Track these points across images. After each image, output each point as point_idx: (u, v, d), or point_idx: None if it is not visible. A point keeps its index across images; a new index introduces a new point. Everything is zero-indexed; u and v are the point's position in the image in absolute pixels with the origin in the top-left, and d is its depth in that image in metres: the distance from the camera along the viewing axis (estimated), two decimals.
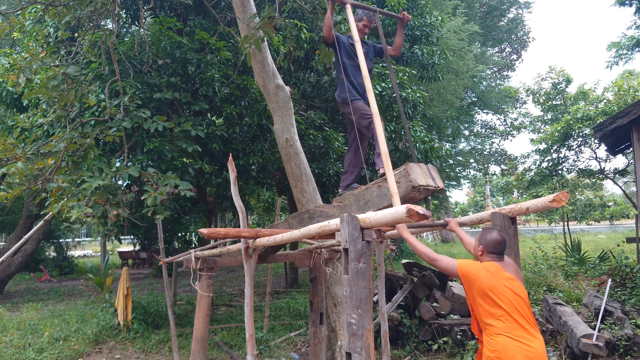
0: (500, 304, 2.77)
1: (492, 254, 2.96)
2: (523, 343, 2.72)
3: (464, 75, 16.60)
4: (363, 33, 4.35)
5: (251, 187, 9.85)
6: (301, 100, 9.43)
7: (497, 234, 2.97)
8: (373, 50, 4.58)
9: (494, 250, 2.95)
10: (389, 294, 6.81)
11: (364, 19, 4.31)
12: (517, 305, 2.78)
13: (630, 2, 13.65)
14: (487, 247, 2.97)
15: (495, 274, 2.84)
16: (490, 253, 2.96)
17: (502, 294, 2.78)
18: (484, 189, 41.84)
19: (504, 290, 2.79)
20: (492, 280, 2.81)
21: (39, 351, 6.84)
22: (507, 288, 2.80)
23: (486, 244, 2.97)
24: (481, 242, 3.01)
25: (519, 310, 2.78)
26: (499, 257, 2.96)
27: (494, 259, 2.95)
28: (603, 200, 27.13)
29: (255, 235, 3.48)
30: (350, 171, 4.51)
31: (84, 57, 6.84)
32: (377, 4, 10.15)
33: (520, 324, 2.76)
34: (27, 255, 13.17)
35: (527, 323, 2.78)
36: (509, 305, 2.77)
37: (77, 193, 5.22)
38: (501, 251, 2.96)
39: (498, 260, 2.95)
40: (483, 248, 2.99)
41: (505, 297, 2.78)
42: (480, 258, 3.03)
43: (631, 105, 7.77)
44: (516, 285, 2.84)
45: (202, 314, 4.54)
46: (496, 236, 2.96)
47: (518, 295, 2.81)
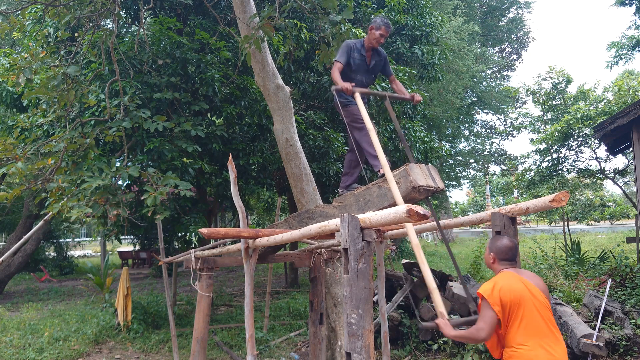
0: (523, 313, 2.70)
1: (504, 261, 2.91)
2: (545, 350, 2.65)
3: (464, 75, 16.59)
4: (379, 42, 4.32)
5: (251, 187, 9.85)
6: (301, 100, 9.43)
7: (507, 240, 2.92)
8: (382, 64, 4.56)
9: (505, 257, 2.90)
10: (389, 294, 6.81)
11: (382, 29, 4.23)
12: (538, 311, 2.72)
13: (630, 2, 13.65)
14: (498, 255, 2.92)
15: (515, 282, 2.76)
16: (502, 260, 2.91)
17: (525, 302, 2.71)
18: (484, 189, 41.88)
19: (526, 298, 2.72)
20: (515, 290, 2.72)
21: (39, 351, 6.84)
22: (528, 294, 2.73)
23: (497, 252, 2.92)
24: (492, 250, 2.95)
25: (540, 317, 2.71)
26: (511, 264, 2.90)
27: (507, 266, 2.90)
28: (603, 200, 27.10)
29: (255, 235, 3.48)
30: (350, 172, 4.51)
31: (84, 57, 6.84)
32: (376, 4, 10.16)
33: (541, 331, 2.69)
34: (27, 255, 13.17)
35: (548, 329, 2.71)
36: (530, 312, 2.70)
37: (77, 193, 5.22)
38: (513, 257, 2.90)
39: (511, 267, 2.89)
40: (495, 256, 2.93)
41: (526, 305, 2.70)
42: (492, 266, 2.97)
43: (631, 105, 7.77)
44: (536, 291, 2.77)
45: (202, 314, 4.54)
46: (507, 242, 2.91)
47: (538, 300, 2.74)
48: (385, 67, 4.58)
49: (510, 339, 2.73)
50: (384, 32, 4.26)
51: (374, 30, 4.24)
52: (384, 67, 4.58)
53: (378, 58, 4.48)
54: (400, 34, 10.21)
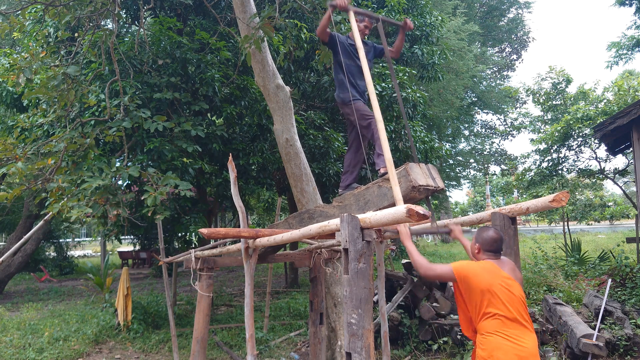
0: (495, 303, 2.76)
1: (488, 252, 2.95)
2: (515, 342, 2.71)
3: (464, 75, 16.60)
4: (364, 34, 4.36)
5: (251, 187, 9.85)
6: (301, 100, 9.42)
7: (493, 232, 2.96)
8: (373, 51, 4.58)
9: (490, 249, 2.94)
10: (389, 294, 6.81)
11: (366, 20, 4.31)
12: (512, 303, 2.77)
13: (630, 2, 13.65)
14: (483, 245, 2.96)
15: (492, 272, 2.83)
16: (486, 251, 2.96)
17: (498, 293, 2.77)
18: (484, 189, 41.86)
19: (499, 289, 2.78)
20: (488, 279, 2.80)
21: (39, 351, 6.84)
22: (502, 287, 2.79)
23: (482, 242, 2.97)
24: (478, 240, 3.00)
25: (513, 309, 2.76)
26: (495, 255, 2.95)
27: (490, 257, 2.94)
28: (603, 200, 27.12)
29: (255, 235, 3.48)
30: (350, 171, 4.51)
31: (84, 57, 6.84)
32: (376, 4, 10.16)
33: (513, 323, 2.75)
34: (27, 255, 13.17)
35: (521, 321, 2.77)
36: (503, 303, 2.76)
37: (77, 193, 5.22)
38: (497, 249, 2.95)
39: (494, 259, 2.94)
40: (479, 246, 2.98)
41: (500, 296, 2.76)
42: (476, 256, 3.02)
43: (631, 105, 7.76)
44: (512, 283, 2.83)
45: (202, 314, 4.54)
46: (492, 234, 2.95)
47: (513, 293, 2.80)
48: (376, 49, 4.60)
49: (481, 327, 2.83)
50: (368, 24, 4.34)
51: (358, 23, 4.27)
52: (375, 49, 4.59)
53: (366, 47, 4.50)
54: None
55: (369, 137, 4.20)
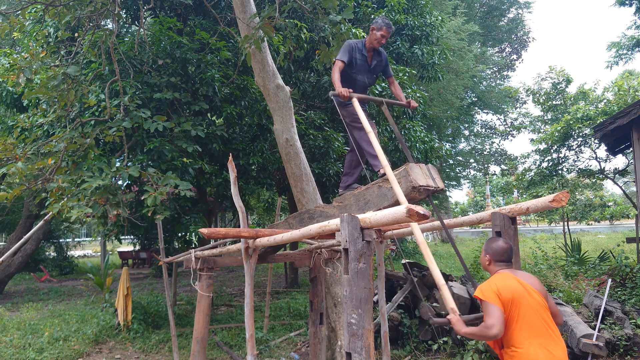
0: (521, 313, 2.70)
1: (500, 262, 2.92)
2: (546, 350, 2.65)
3: (464, 75, 16.59)
4: (380, 43, 4.32)
5: (251, 187, 9.85)
6: (301, 100, 9.42)
7: (503, 242, 2.94)
8: (382, 65, 4.56)
9: (501, 259, 2.92)
10: (389, 294, 6.81)
11: (383, 29, 4.23)
12: (537, 311, 2.72)
13: (630, 2, 13.65)
14: (494, 256, 2.93)
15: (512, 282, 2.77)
16: (497, 262, 2.93)
17: (522, 302, 2.71)
18: (484, 189, 41.86)
19: (523, 298, 2.72)
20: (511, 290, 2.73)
21: (39, 351, 6.84)
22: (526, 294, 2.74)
23: (493, 253, 2.94)
24: (488, 252, 2.97)
25: (538, 317, 2.71)
26: (507, 265, 2.92)
27: (503, 267, 2.91)
28: (603, 200, 27.09)
29: (255, 235, 3.48)
30: (351, 172, 4.51)
31: (84, 57, 6.84)
32: (376, 4, 10.16)
33: (540, 332, 2.70)
34: (27, 255, 13.17)
35: (547, 330, 2.72)
36: (528, 312, 2.70)
37: (77, 193, 5.22)
38: (509, 259, 2.92)
39: (507, 268, 2.90)
40: (490, 257, 2.95)
41: (524, 305, 2.71)
42: (488, 268, 2.99)
43: (631, 105, 7.76)
44: (533, 291, 2.78)
45: (202, 314, 4.54)
46: (502, 244, 2.93)
47: (536, 301, 2.75)
48: (386, 68, 4.59)
49: (509, 339, 2.73)
50: (385, 33, 4.24)
51: (375, 30, 4.24)
52: (385, 68, 4.58)
53: (379, 58, 4.49)
54: (400, 34, 10.21)
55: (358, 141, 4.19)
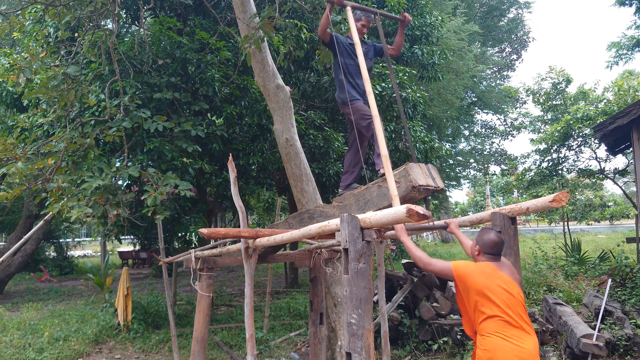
0: (494, 304, 2.77)
1: (488, 254, 2.95)
2: (514, 343, 2.72)
3: (464, 75, 16.59)
4: (362, 33, 4.36)
5: (251, 187, 9.85)
6: (301, 100, 9.42)
7: (494, 235, 2.96)
8: (373, 50, 4.58)
9: (490, 251, 2.95)
10: (389, 294, 6.81)
11: (362, 19, 4.31)
12: (511, 304, 2.78)
13: (630, 2, 13.65)
14: (483, 248, 2.97)
15: (490, 274, 2.84)
16: (486, 254, 2.96)
17: (496, 294, 2.78)
18: (484, 189, 41.86)
19: (498, 290, 2.79)
20: (486, 280, 2.81)
21: (39, 351, 6.84)
22: (500, 288, 2.80)
23: (483, 244, 2.97)
24: (478, 242, 3.00)
25: (512, 310, 2.77)
26: (495, 258, 2.95)
27: (490, 260, 2.95)
28: (603, 200, 27.10)
29: (255, 235, 3.48)
30: (350, 171, 4.51)
31: (84, 57, 6.84)
32: (376, 5, 10.16)
33: (513, 324, 2.76)
34: (27, 255, 13.17)
35: (520, 323, 2.78)
36: (502, 305, 2.77)
37: (77, 193, 5.22)
38: (498, 252, 2.95)
39: (494, 261, 2.94)
40: (480, 248, 2.98)
41: (498, 297, 2.77)
42: (476, 258, 3.02)
43: (631, 105, 7.76)
44: (510, 285, 2.84)
45: (202, 314, 4.54)
46: (493, 237, 2.95)
47: (512, 294, 2.81)
48: (376, 47, 4.60)
49: (481, 328, 2.84)
50: (365, 22, 4.34)
51: (355, 22, 4.28)
52: (374, 48, 4.59)
53: (366, 47, 4.51)
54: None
55: (369, 137, 4.20)
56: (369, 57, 4.54)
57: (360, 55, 3.56)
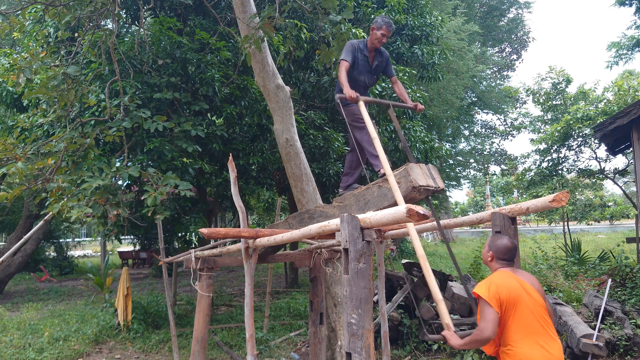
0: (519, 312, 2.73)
1: (502, 260, 2.93)
2: (542, 348, 2.69)
3: (464, 75, 16.59)
4: (380, 42, 4.32)
5: (251, 187, 9.85)
6: (301, 100, 9.42)
7: (507, 240, 2.94)
8: (384, 65, 4.56)
9: (504, 257, 2.92)
10: (389, 294, 6.81)
11: (383, 28, 4.23)
12: (534, 310, 2.75)
13: (630, 2, 13.66)
14: (497, 254, 2.94)
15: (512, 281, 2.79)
16: (500, 259, 2.93)
17: (520, 301, 2.74)
18: (484, 189, 41.86)
19: (522, 297, 2.75)
20: (510, 289, 2.76)
21: (39, 351, 6.84)
22: (524, 293, 2.77)
23: (497, 250, 2.94)
24: (491, 248, 2.97)
25: (535, 316, 2.74)
26: (509, 264, 2.92)
27: (504, 266, 2.92)
28: (603, 200, 27.09)
29: (255, 235, 3.48)
30: (351, 172, 4.51)
31: (84, 57, 6.84)
32: (376, 4, 10.16)
33: (537, 331, 2.73)
34: (27, 255, 13.17)
35: (544, 328, 2.75)
36: (526, 311, 2.73)
37: (77, 193, 5.22)
38: (511, 258, 2.93)
39: (509, 267, 2.91)
40: (493, 254, 2.95)
41: (522, 304, 2.74)
42: (489, 264, 2.99)
43: (631, 105, 7.76)
44: (531, 290, 2.81)
45: (202, 314, 4.54)
46: (507, 242, 2.92)
47: (535, 300, 2.78)
48: (387, 67, 4.58)
49: (506, 338, 2.76)
50: (386, 32, 4.24)
51: (376, 30, 4.24)
52: (386, 67, 4.58)
53: (381, 58, 4.49)
54: (400, 34, 10.21)
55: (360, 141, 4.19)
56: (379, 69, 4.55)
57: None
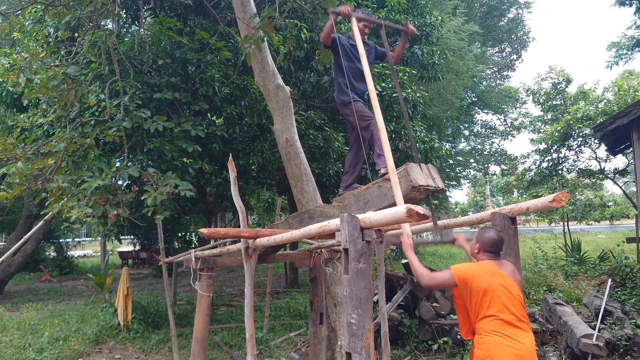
0: (493, 303, 2.79)
1: (488, 252, 2.97)
2: (513, 340, 2.73)
3: (464, 75, 16.58)
4: (364, 33, 4.36)
5: (251, 187, 9.85)
6: (301, 100, 9.42)
7: (494, 233, 2.98)
8: (374, 53, 4.58)
9: (490, 249, 2.96)
10: (389, 294, 6.81)
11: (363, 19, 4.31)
12: (510, 304, 2.79)
13: (630, 2, 13.65)
14: (483, 246, 2.98)
15: (491, 272, 2.85)
16: (486, 252, 2.98)
17: (497, 293, 2.79)
18: (484, 189, 41.83)
19: (499, 289, 2.80)
20: (489, 279, 2.82)
21: (39, 351, 6.84)
22: (501, 286, 2.81)
23: (483, 243, 2.98)
24: (478, 240, 3.02)
25: (510, 309, 2.78)
26: (495, 256, 2.97)
27: (490, 258, 2.96)
28: (603, 200, 27.10)
29: (255, 235, 3.48)
30: (351, 172, 4.51)
31: (84, 57, 6.84)
32: (376, 4, 10.16)
33: (511, 323, 2.77)
34: (27, 255, 13.17)
35: (517, 321, 2.79)
36: (501, 304, 2.78)
37: (77, 193, 5.22)
38: (497, 251, 2.97)
39: (494, 259, 2.95)
40: (480, 246, 3.00)
41: (498, 296, 2.79)
42: (476, 256, 3.04)
43: (631, 105, 7.76)
44: (510, 284, 2.85)
45: (202, 314, 4.54)
46: (493, 235, 2.96)
47: (511, 293, 2.82)
48: (377, 50, 4.60)
49: (479, 326, 2.86)
50: (368, 23, 4.32)
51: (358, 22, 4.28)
52: (376, 51, 4.59)
53: (367, 48, 4.51)
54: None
55: (369, 138, 4.20)
56: (370, 60, 4.54)
57: (364, 58, 3.55)
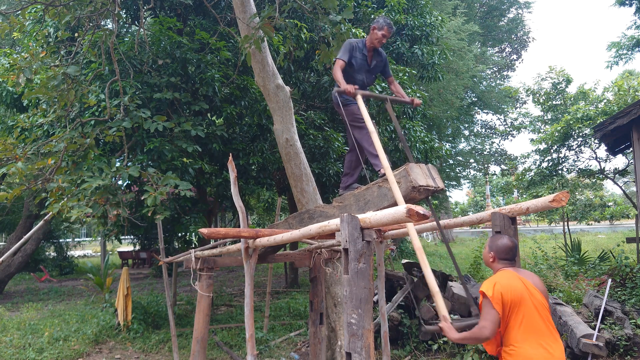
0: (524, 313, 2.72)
1: (503, 260, 2.92)
2: (545, 350, 2.67)
3: (464, 75, 16.59)
4: (380, 42, 4.32)
5: (251, 187, 9.85)
6: (301, 100, 9.42)
7: (508, 240, 2.93)
8: (382, 66, 4.57)
9: (505, 257, 2.91)
10: (389, 294, 6.81)
11: (384, 29, 4.23)
12: (540, 311, 2.74)
13: (630, 2, 13.66)
14: (498, 254, 2.93)
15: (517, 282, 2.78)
16: (501, 260, 2.92)
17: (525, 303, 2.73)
18: (484, 189, 41.88)
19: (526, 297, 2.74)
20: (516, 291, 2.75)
21: (39, 351, 6.84)
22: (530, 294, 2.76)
23: (497, 250, 2.93)
24: (492, 249, 2.96)
25: (541, 317, 2.73)
26: (511, 263, 2.92)
27: (507, 265, 2.91)
28: (603, 200, 27.11)
29: (255, 235, 3.48)
30: (351, 173, 4.51)
31: (84, 57, 6.84)
32: (376, 4, 10.16)
33: (542, 330, 2.72)
34: (27, 255, 13.17)
35: (547, 330, 2.73)
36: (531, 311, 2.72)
37: (77, 193, 5.22)
38: (513, 257, 2.92)
39: (511, 266, 2.91)
40: (494, 255, 2.95)
41: (527, 304, 2.73)
42: (491, 265, 2.99)
43: (631, 105, 7.77)
44: (535, 291, 2.80)
45: (202, 314, 4.54)
46: (507, 242, 2.92)
47: (539, 301, 2.77)
48: (385, 68, 4.60)
49: (509, 338, 2.75)
50: (386, 33, 4.25)
51: (376, 30, 4.24)
52: (384, 68, 4.59)
53: (379, 58, 4.49)
54: (400, 34, 10.21)
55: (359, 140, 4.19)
56: (376, 71, 4.56)
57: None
